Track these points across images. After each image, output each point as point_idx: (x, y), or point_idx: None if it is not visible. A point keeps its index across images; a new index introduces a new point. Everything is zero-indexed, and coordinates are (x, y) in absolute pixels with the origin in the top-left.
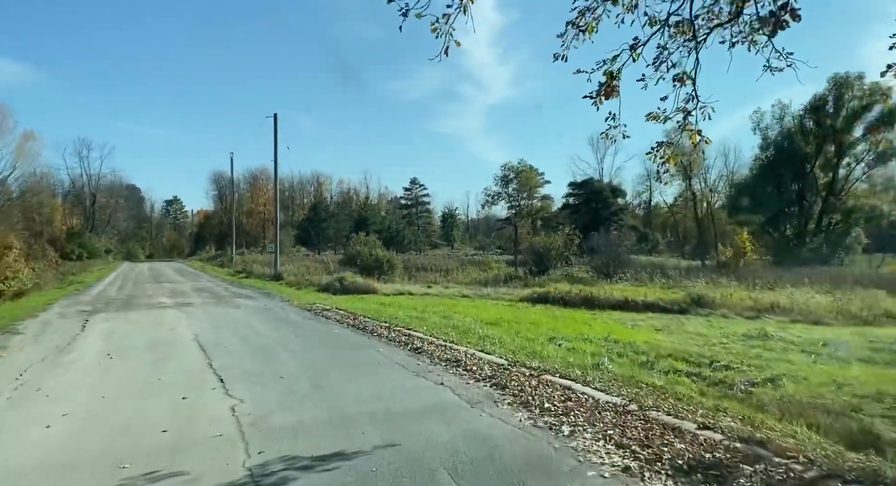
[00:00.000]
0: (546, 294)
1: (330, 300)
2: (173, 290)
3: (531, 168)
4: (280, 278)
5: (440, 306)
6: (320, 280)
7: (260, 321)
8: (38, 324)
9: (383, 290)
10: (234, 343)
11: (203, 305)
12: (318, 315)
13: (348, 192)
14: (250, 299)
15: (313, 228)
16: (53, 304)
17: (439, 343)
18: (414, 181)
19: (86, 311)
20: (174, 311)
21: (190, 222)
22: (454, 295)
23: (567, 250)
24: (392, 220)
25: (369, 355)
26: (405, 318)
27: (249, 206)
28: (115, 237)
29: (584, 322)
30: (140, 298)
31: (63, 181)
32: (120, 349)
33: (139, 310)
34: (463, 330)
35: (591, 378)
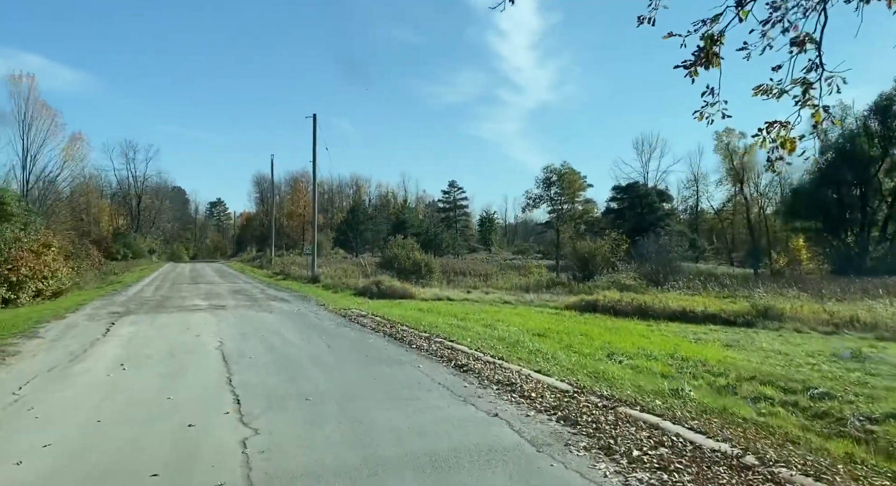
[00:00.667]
0: (594, 302)
1: (366, 305)
2: (209, 292)
3: (574, 170)
4: (317, 281)
5: (482, 314)
6: (357, 283)
7: (291, 328)
8: (62, 327)
9: (421, 295)
10: (260, 353)
11: (236, 308)
12: (352, 322)
13: (386, 195)
14: (284, 303)
15: (351, 231)
16: (86, 304)
17: (487, 359)
18: (452, 184)
19: (116, 313)
20: (205, 314)
21: (233, 224)
22: (495, 302)
23: (613, 256)
24: (430, 223)
25: (408, 372)
26: (445, 327)
27: (290, 208)
28: (159, 238)
29: (641, 335)
30: (174, 299)
31: (111, 182)
32: (136, 358)
33: (169, 312)
34: (510, 343)
35: (679, 413)
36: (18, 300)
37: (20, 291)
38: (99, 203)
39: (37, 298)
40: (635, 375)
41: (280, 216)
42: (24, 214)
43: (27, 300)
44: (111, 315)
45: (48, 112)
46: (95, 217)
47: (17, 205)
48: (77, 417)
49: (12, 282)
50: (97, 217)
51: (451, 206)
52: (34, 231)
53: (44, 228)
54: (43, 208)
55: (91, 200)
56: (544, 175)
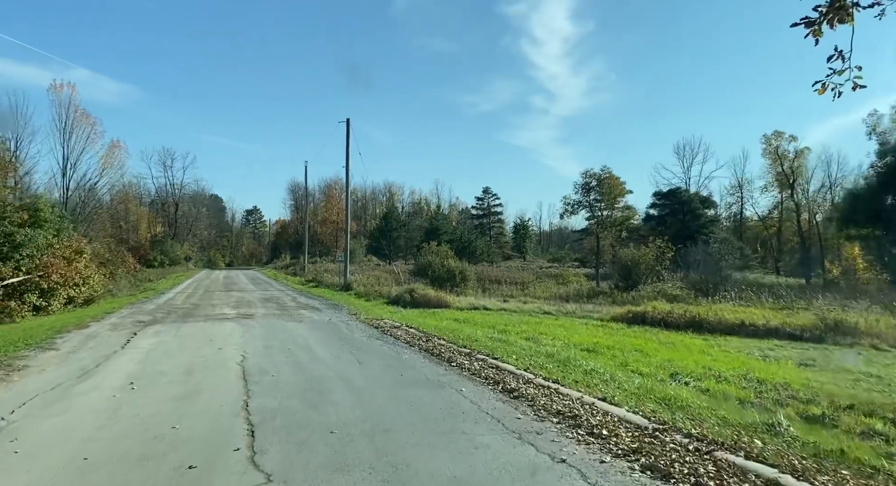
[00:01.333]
0: (643, 314)
1: (399, 315)
2: (240, 300)
3: (614, 175)
4: (349, 289)
5: (523, 326)
6: (390, 292)
7: (320, 340)
8: (82, 338)
9: (456, 303)
10: (285, 371)
11: (265, 317)
12: (385, 334)
13: (419, 202)
14: (315, 312)
15: (384, 238)
16: (114, 313)
17: (539, 382)
18: (486, 190)
19: (141, 322)
20: (232, 324)
21: (268, 232)
22: (535, 312)
23: (658, 265)
24: (464, 230)
25: (450, 398)
26: (486, 341)
27: (323, 215)
28: (196, 245)
29: (701, 351)
30: (204, 307)
31: (149, 190)
32: (149, 376)
33: (196, 322)
34: (560, 361)
35: (795, 462)
36: (49, 308)
37: (52, 298)
38: (138, 211)
39: (68, 305)
40: (712, 402)
41: (314, 223)
42: (57, 221)
43: (58, 308)
44: (136, 325)
45: (88, 120)
46: (134, 224)
47: (50, 212)
48: (62, 452)
49: (44, 289)
50: (136, 224)
51: (485, 212)
52: (67, 237)
53: (76, 235)
54: (83, 215)
55: (130, 208)
56: (583, 180)
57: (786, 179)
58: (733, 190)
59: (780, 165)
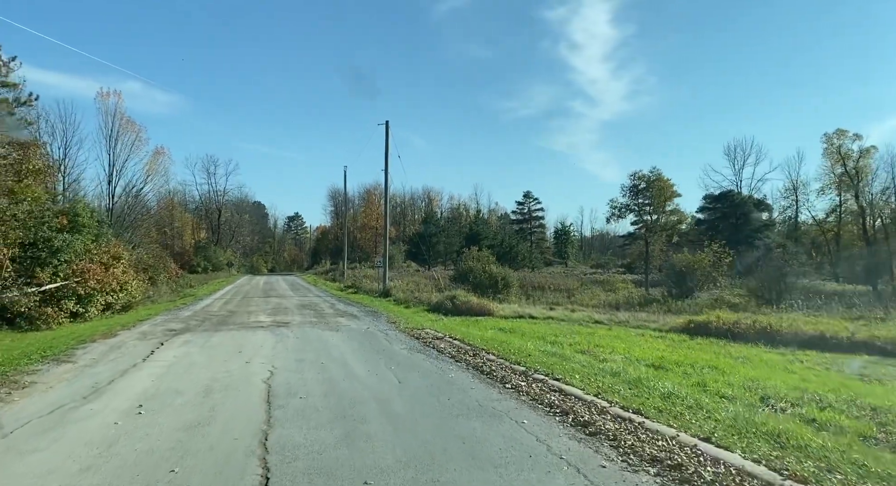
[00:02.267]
0: (705, 324)
1: (441, 323)
2: (277, 306)
3: (663, 177)
4: (388, 295)
5: (575, 337)
6: (430, 298)
7: (356, 353)
8: (105, 348)
9: (500, 311)
10: (315, 391)
11: (300, 325)
12: (427, 347)
13: (458, 207)
14: (353, 320)
15: (423, 243)
16: (147, 320)
17: (616, 412)
18: (527, 195)
19: (172, 330)
20: (265, 333)
21: (309, 238)
22: (584, 321)
23: (715, 271)
24: (504, 235)
25: (510, 433)
26: (540, 355)
27: (363, 220)
28: (239, 251)
29: (785, 368)
30: (239, 315)
31: (194, 196)
32: (163, 396)
33: (228, 331)
34: (630, 381)
35: None
36: (87, 314)
37: (89, 304)
38: (182, 217)
39: (106, 311)
40: (832, 441)
41: (353, 229)
42: (95, 226)
43: (96, 314)
44: (166, 334)
45: (133, 127)
46: (179, 230)
47: (89, 217)
48: None
49: (80, 295)
50: (181, 230)
51: (526, 217)
52: (105, 243)
53: (115, 240)
54: (128, 222)
55: (175, 214)
56: (631, 182)
57: (849, 181)
58: (787, 193)
59: (844, 165)
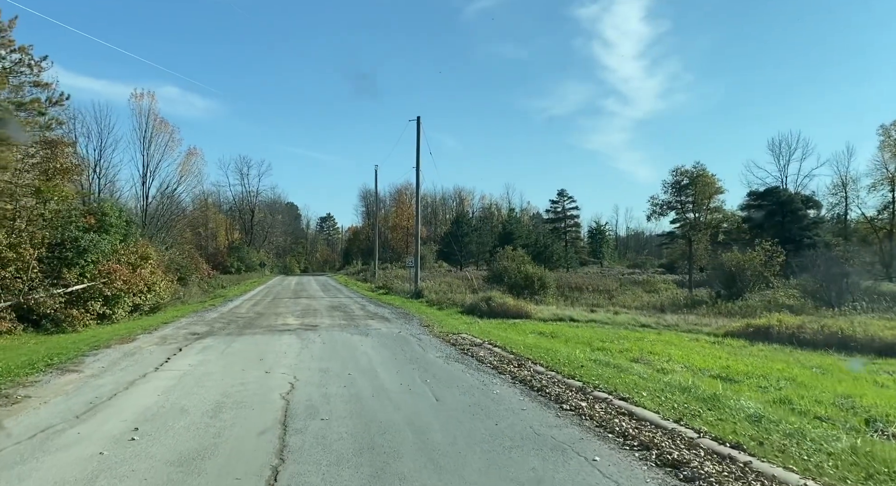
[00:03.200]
0: (765, 328)
1: (477, 327)
2: (306, 308)
3: (707, 172)
4: (420, 296)
5: (624, 342)
6: (464, 300)
7: (387, 362)
8: (118, 355)
9: (538, 314)
10: (339, 412)
11: (329, 329)
12: (466, 354)
13: (489, 207)
14: (384, 323)
15: (456, 243)
16: (172, 323)
17: (709, 445)
18: (561, 193)
19: (195, 334)
20: (290, 338)
21: (340, 238)
22: (630, 324)
23: (767, 270)
24: (538, 234)
25: (580, 476)
26: (591, 366)
27: (394, 220)
28: (272, 251)
29: (872, 381)
30: (267, 317)
31: (228, 197)
32: (165, 416)
33: (252, 335)
34: (704, 398)
35: None
36: (114, 316)
37: (116, 306)
38: (216, 218)
39: (134, 313)
40: None
41: (384, 229)
42: (123, 226)
43: (123, 316)
44: (187, 338)
45: (166, 128)
46: (213, 231)
47: (117, 216)
48: None
49: (107, 297)
50: (215, 231)
51: (560, 216)
52: (133, 243)
53: (142, 240)
54: (161, 222)
55: (209, 215)
56: (673, 178)
57: None
58: (836, 189)
59: None
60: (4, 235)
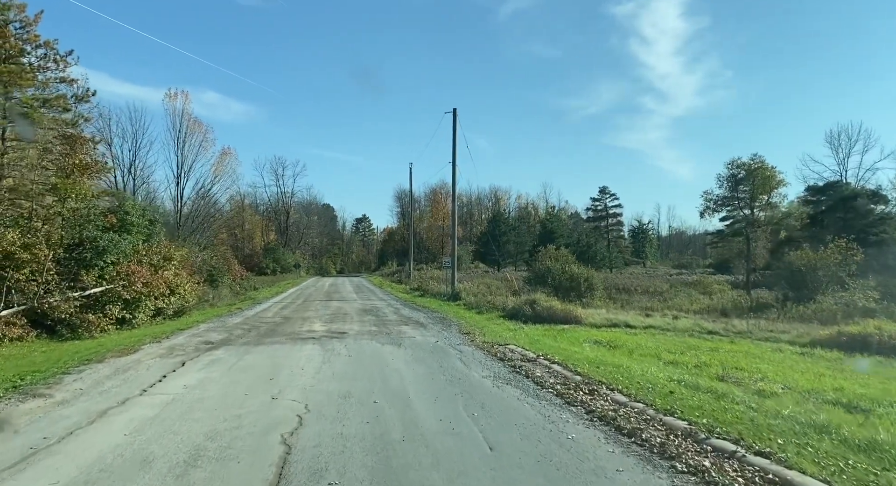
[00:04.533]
0: (863, 338)
1: (523, 335)
2: (336, 311)
3: (766, 164)
4: (457, 298)
5: (698, 354)
6: (505, 303)
7: (423, 385)
8: (106, 372)
9: (589, 318)
10: (355, 468)
11: (357, 337)
12: (518, 373)
13: (526, 206)
14: (419, 329)
15: (493, 242)
16: (188, 329)
17: None
18: (603, 190)
19: (207, 344)
20: (313, 348)
21: (375, 239)
22: (695, 331)
23: (842, 270)
24: (581, 232)
25: None
26: (680, 391)
27: (429, 221)
28: (308, 253)
29: None
30: (293, 322)
31: (264, 199)
32: (118, 471)
33: (271, 344)
34: (861, 447)
35: None
36: (134, 321)
37: (136, 310)
38: (252, 219)
39: (157, 317)
40: None
41: (419, 230)
42: (146, 225)
43: (144, 320)
44: (197, 348)
45: (200, 128)
46: (249, 233)
47: (139, 215)
48: None
49: (127, 300)
50: (251, 233)
51: (602, 214)
52: (157, 243)
53: (166, 240)
54: (196, 223)
55: (245, 216)
56: (729, 171)
57: None
58: None
59: None
60: (19, 235)
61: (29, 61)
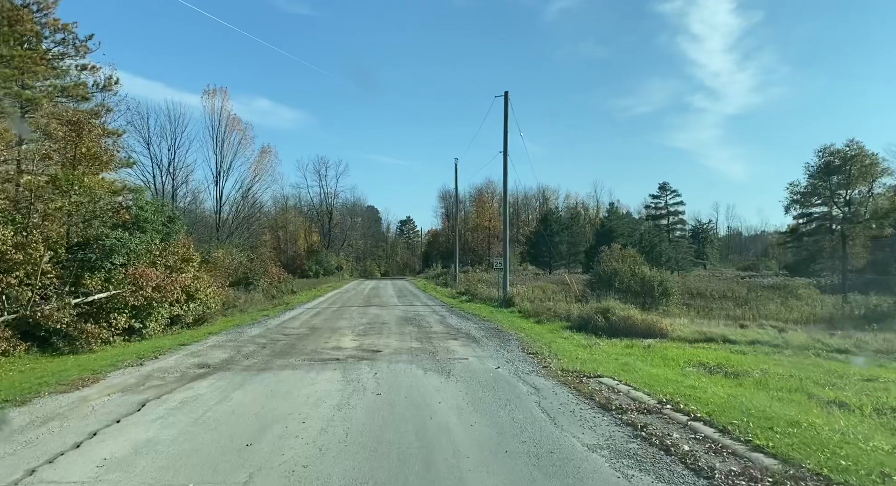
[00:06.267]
0: None
1: (603, 354)
2: (373, 320)
3: (865, 150)
4: (510, 304)
5: (867, 389)
6: (569, 311)
7: (491, 463)
8: (17, 422)
9: (676, 331)
10: None
11: (393, 358)
12: (645, 440)
13: (575, 206)
14: (471, 346)
15: (544, 243)
16: (191, 344)
17: None
18: (663, 187)
19: (201, 368)
20: (331, 377)
21: (420, 241)
22: (818, 349)
23: None
24: (643, 231)
25: None
26: None
27: (475, 221)
28: (351, 255)
29: None
30: (319, 334)
31: (309, 200)
32: None
33: (281, 370)
34: None
35: None
36: (146, 330)
37: (147, 318)
38: (295, 221)
39: (174, 326)
40: None
41: (464, 231)
42: (162, 223)
43: (157, 330)
44: (182, 377)
45: (238, 125)
46: (293, 235)
47: (153, 211)
48: None
49: (136, 307)
50: (294, 235)
51: (663, 212)
52: (175, 243)
53: (183, 239)
54: (235, 223)
55: (289, 218)
56: (821, 160)
57: None
58: None
59: None
60: (11, 233)
61: (47, 47)
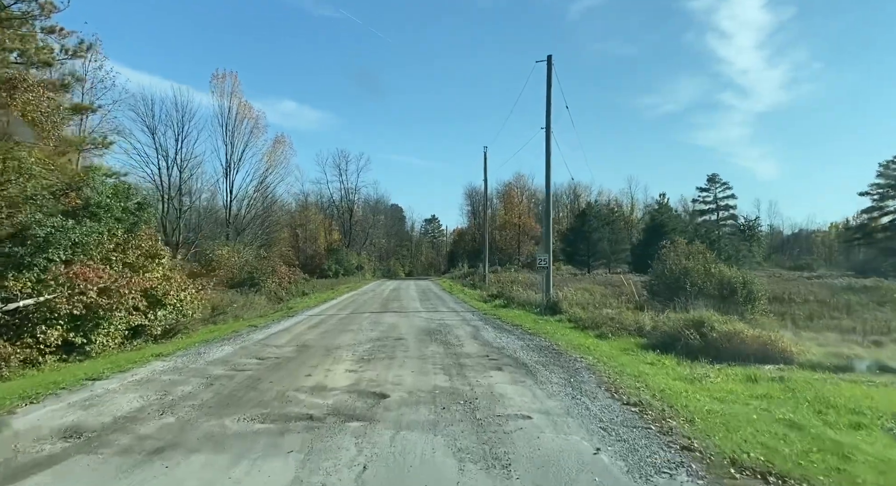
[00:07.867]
0: None
1: (729, 395)
2: (387, 333)
3: None
4: (556, 310)
5: None
6: (638, 321)
7: None
8: None
9: (803, 354)
10: None
11: (403, 415)
12: None
13: (608, 203)
14: (525, 386)
15: (581, 240)
16: (123, 372)
17: None
18: (712, 178)
19: (70, 439)
20: (279, 469)
21: (445, 241)
22: None
23: None
24: (698, 226)
25: None
26: None
27: (502, 219)
28: (374, 254)
29: None
30: (304, 361)
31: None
32: None
33: (195, 450)
34: None
35: None
36: (91, 347)
37: (94, 331)
38: (315, 218)
39: (136, 339)
40: None
41: (492, 229)
42: (125, 210)
43: (109, 345)
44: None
45: (250, 113)
46: (312, 233)
47: (109, 196)
48: None
49: (77, 317)
50: (314, 233)
51: (713, 207)
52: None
53: (148, 230)
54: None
55: (308, 216)
56: None
57: None
58: None
59: None
60: None
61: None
